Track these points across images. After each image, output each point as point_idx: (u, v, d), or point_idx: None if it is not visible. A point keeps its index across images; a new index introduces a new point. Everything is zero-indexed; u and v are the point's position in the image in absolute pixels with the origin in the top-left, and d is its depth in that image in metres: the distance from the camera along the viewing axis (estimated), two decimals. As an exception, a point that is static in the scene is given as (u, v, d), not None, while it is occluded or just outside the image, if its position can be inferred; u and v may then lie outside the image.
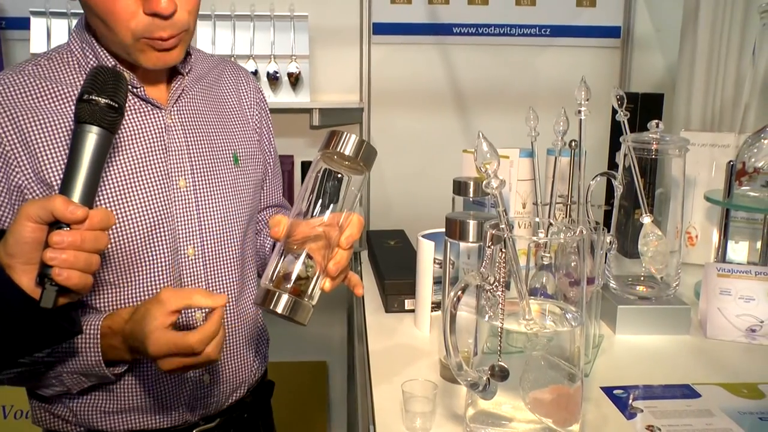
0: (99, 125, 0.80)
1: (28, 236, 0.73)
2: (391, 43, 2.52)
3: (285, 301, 0.83)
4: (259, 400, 1.21)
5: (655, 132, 1.22)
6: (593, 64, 2.46)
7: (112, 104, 0.80)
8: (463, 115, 2.56)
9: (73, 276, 0.74)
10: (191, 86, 1.08)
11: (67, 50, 1.00)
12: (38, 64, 0.98)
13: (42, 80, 0.96)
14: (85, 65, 0.98)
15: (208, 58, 1.17)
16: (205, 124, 1.08)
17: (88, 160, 0.79)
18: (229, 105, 1.15)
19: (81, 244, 0.74)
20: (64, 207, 0.73)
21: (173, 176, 1.01)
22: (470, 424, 0.87)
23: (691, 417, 0.95)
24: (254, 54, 2.42)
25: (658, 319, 1.21)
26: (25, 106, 0.93)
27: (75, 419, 1.02)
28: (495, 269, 0.80)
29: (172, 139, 1.02)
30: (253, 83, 1.23)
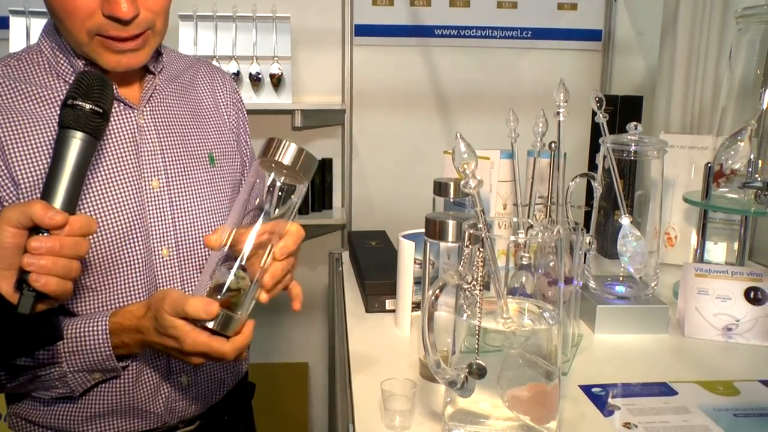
0: (83, 131, 0.79)
1: (8, 241, 0.72)
2: (373, 44, 2.54)
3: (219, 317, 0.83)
4: (239, 402, 1.21)
5: (633, 134, 1.23)
6: (574, 66, 2.49)
7: (96, 110, 0.79)
8: (445, 117, 2.58)
9: (50, 282, 0.73)
10: (165, 86, 1.07)
11: (36, 50, 0.99)
12: (7, 64, 0.97)
13: (11, 80, 0.95)
14: (56, 65, 0.98)
15: (182, 58, 1.16)
16: (179, 124, 1.07)
17: (71, 165, 0.78)
18: (205, 105, 1.14)
19: (60, 250, 0.73)
20: (43, 212, 0.73)
21: (146, 176, 1.00)
22: (449, 423, 0.87)
23: (668, 414, 0.96)
24: (236, 55, 2.42)
25: (636, 319, 1.22)
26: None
27: (51, 425, 1.01)
28: (473, 269, 0.80)
29: (144, 139, 1.01)
30: (229, 83, 1.22)
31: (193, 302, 0.82)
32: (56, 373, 0.94)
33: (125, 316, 0.92)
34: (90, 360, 0.94)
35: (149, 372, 1.02)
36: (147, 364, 1.02)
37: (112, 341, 0.93)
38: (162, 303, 0.85)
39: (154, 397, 1.03)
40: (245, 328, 0.87)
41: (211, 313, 0.82)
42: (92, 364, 0.94)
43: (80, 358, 0.93)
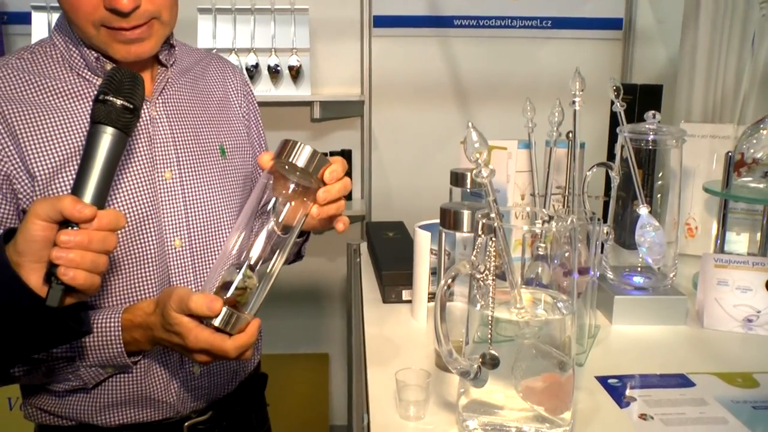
0: (114, 126, 0.80)
1: (38, 234, 0.74)
2: (391, 35, 2.53)
3: (223, 314, 0.83)
4: (252, 392, 1.22)
5: (652, 123, 1.22)
6: (594, 56, 2.46)
7: (127, 105, 0.80)
8: (464, 107, 2.57)
9: (79, 276, 0.74)
10: (177, 79, 1.08)
11: (50, 44, 1.01)
12: (21, 57, 0.99)
13: (26, 73, 0.97)
14: (69, 58, 0.99)
15: (193, 52, 1.17)
16: (190, 116, 1.08)
17: (101, 160, 0.79)
18: (216, 98, 1.15)
19: (88, 244, 0.74)
20: (73, 206, 0.74)
21: (159, 168, 1.01)
22: (463, 413, 0.88)
23: (684, 406, 0.95)
24: (255, 47, 2.43)
25: (654, 310, 1.21)
26: (10, 97, 0.94)
27: (66, 414, 1.02)
28: (485, 258, 0.80)
29: (157, 131, 1.02)
30: (239, 76, 1.23)
31: (197, 299, 0.83)
32: (69, 366, 0.96)
33: (136, 313, 0.93)
34: (102, 356, 0.95)
35: (162, 363, 1.03)
36: (160, 356, 1.03)
37: (124, 337, 0.94)
38: (168, 300, 0.86)
39: (167, 387, 1.04)
40: (249, 327, 0.87)
41: (215, 310, 0.83)
42: (104, 359, 0.96)
43: (92, 354, 0.95)
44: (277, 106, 2.52)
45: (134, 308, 0.95)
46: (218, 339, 0.85)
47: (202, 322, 0.85)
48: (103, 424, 1.03)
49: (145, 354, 1.01)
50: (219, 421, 1.12)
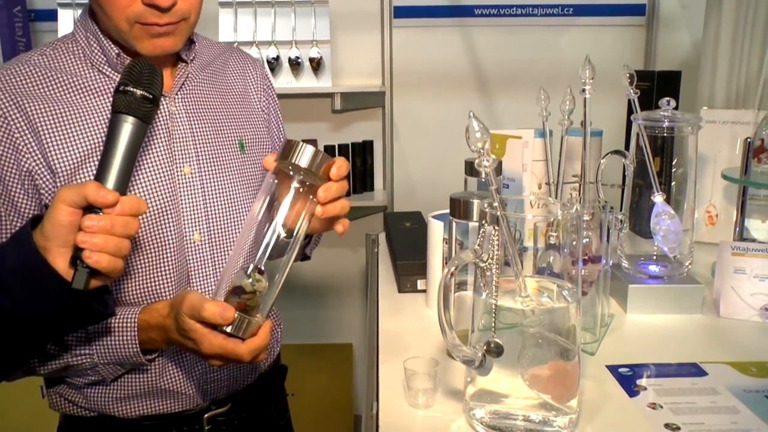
0: (134, 115, 0.82)
1: (64, 219, 0.76)
2: (412, 26, 2.53)
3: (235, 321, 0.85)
4: (271, 384, 1.23)
5: (666, 110, 1.21)
6: (617, 42, 2.43)
7: (147, 95, 0.83)
8: (485, 97, 2.55)
9: (102, 259, 0.76)
10: (196, 74, 1.09)
11: (72, 40, 1.02)
12: (43, 53, 1.00)
13: (47, 70, 0.98)
14: (90, 54, 1.00)
15: (213, 46, 1.18)
16: (210, 111, 1.09)
17: (123, 148, 0.82)
18: (235, 92, 1.16)
19: (111, 228, 0.77)
20: (96, 191, 0.76)
21: (178, 163, 1.03)
22: (470, 402, 0.88)
23: (695, 395, 0.95)
24: (275, 40, 2.44)
25: (669, 299, 1.20)
26: (32, 94, 0.96)
27: (88, 405, 1.05)
28: (489, 247, 0.81)
29: (176, 126, 1.04)
30: (259, 69, 1.23)
31: (209, 307, 0.84)
32: (88, 363, 0.98)
33: (152, 314, 0.95)
34: (118, 354, 0.97)
35: (181, 356, 1.05)
36: (179, 348, 1.04)
37: (140, 337, 0.96)
38: (181, 305, 0.87)
39: (186, 379, 1.06)
40: (261, 331, 0.88)
41: (228, 319, 0.84)
42: (120, 358, 0.98)
43: (109, 352, 0.97)
44: (298, 98, 2.54)
45: (150, 309, 0.97)
46: (231, 344, 0.86)
47: (215, 328, 0.86)
48: (123, 416, 1.05)
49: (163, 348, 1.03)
50: (238, 412, 1.14)
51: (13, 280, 0.77)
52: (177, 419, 1.08)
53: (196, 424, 1.09)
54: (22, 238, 0.78)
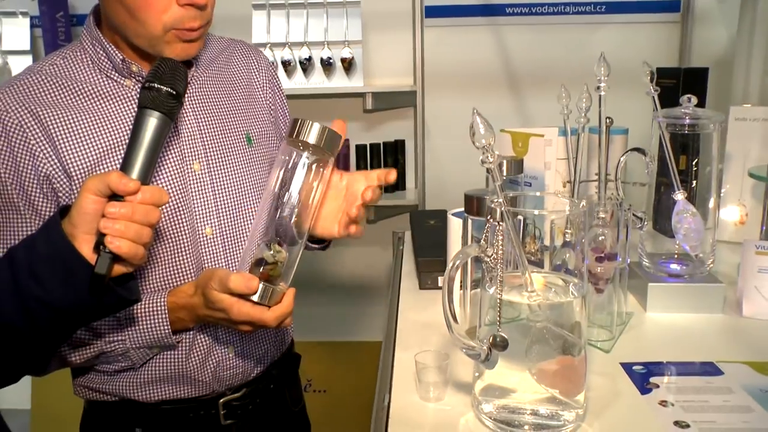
0: (159, 110, 0.86)
1: (89, 207, 0.80)
2: (443, 25, 2.54)
3: (260, 290, 0.91)
4: (285, 372, 1.26)
5: (687, 107, 1.19)
6: (651, 40, 2.40)
7: (171, 92, 0.87)
8: (517, 96, 2.55)
9: (123, 245, 0.80)
10: (202, 72, 1.13)
11: (80, 47, 1.06)
12: (54, 63, 1.04)
13: (58, 78, 1.02)
14: (97, 61, 1.04)
15: (217, 41, 1.21)
16: (216, 108, 1.12)
17: (147, 142, 0.86)
18: (241, 86, 1.19)
19: (132, 215, 0.80)
20: (119, 180, 0.80)
21: (187, 160, 1.06)
22: (478, 397, 0.89)
23: (708, 394, 0.94)
24: (308, 41, 2.48)
25: (690, 298, 1.19)
26: (44, 102, 1.00)
27: (111, 390, 1.10)
28: (494, 242, 0.82)
29: (184, 125, 1.07)
30: (264, 62, 1.25)
31: (235, 279, 0.90)
32: (120, 349, 1.03)
33: (179, 295, 1.01)
34: (150, 337, 1.02)
35: (199, 344, 1.09)
36: (197, 337, 1.09)
37: (170, 318, 1.01)
38: (209, 281, 0.93)
39: (203, 367, 1.10)
40: (286, 298, 0.94)
41: (252, 288, 0.90)
42: (152, 340, 1.03)
43: (141, 336, 1.02)
44: (330, 98, 2.57)
45: (177, 291, 1.02)
46: (258, 311, 0.92)
47: (243, 298, 0.92)
48: (144, 400, 1.10)
49: (185, 336, 1.07)
50: (253, 398, 1.18)
51: (44, 267, 0.81)
52: (194, 404, 1.12)
53: (212, 408, 1.13)
54: (52, 227, 0.82)
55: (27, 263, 0.81)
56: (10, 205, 0.99)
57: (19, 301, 0.80)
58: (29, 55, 2.51)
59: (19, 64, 2.49)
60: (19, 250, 0.83)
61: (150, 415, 1.11)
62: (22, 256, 0.82)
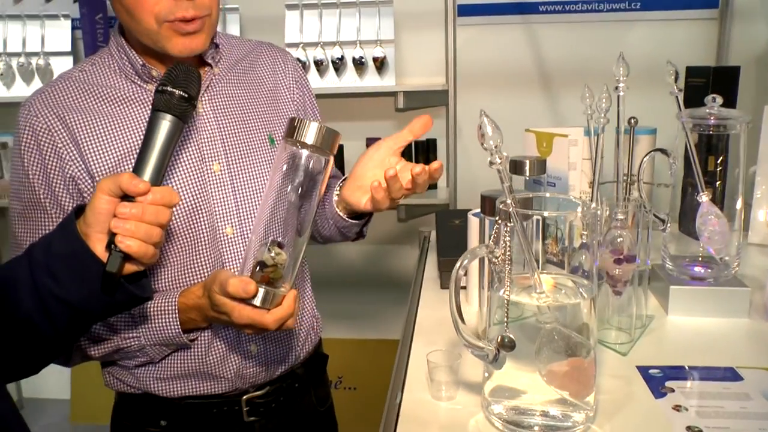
0: (172, 113, 0.89)
1: (102, 207, 0.83)
2: (476, 24, 2.52)
3: (260, 293, 0.91)
4: (311, 371, 1.27)
5: (712, 107, 1.17)
6: (687, 37, 2.35)
7: (184, 95, 0.89)
8: (550, 95, 2.52)
9: (133, 244, 0.82)
10: (224, 74, 1.14)
11: (107, 54, 1.10)
12: (83, 69, 1.08)
13: (86, 84, 1.06)
14: (123, 67, 1.07)
15: (243, 44, 1.22)
16: (238, 109, 1.13)
17: (159, 143, 0.88)
18: (265, 87, 1.20)
19: (142, 215, 0.83)
20: (129, 181, 0.83)
21: (207, 161, 1.08)
22: (488, 398, 0.89)
23: (725, 399, 0.92)
24: (341, 40, 2.50)
25: (713, 301, 1.17)
26: (72, 107, 1.04)
27: (136, 383, 1.13)
28: (501, 243, 0.82)
29: (204, 126, 1.09)
30: (291, 63, 1.26)
31: (233, 283, 0.91)
32: (136, 345, 1.06)
33: (189, 296, 1.03)
34: (162, 335, 1.05)
35: (220, 341, 1.11)
36: (218, 334, 1.11)
37: (181, 318, 1.03)
38: (212, 284, 0.95)
39: (225, 364, 1.12)
40: (285, 300, 0.93)
41: (249, 293, 0.90)
42: (164, 339, 1.05)
43: (154, 334, 1.05)
44: (362, 97, 2.59)
45: (187, 292, 1.04)
46: (257, 314, 0.92)
47: (243, 301, 0.92)
48: (167, 395, 1.12)
49: (204, 333, 1.10)
50: (276, 396, 1.19)
51: (60, 264, 0.84)
52: (217, 400, 1.14)
53: (234, 405, 1.14)
54: (67, 226, 0.85)
55: (44, 260, 0.84)
56: (37, 204, 1.04)
57: (37, 297, 0.84)
58: (70, 56, 2.59)
59: (60, 65, 2.57)
60: (37, 247, 0.86)
61: (174, 409, 1.13)
62: (39, 253, 0.85)
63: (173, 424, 1.14)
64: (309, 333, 1.25)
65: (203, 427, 1.15)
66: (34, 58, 2.59)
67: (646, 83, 1.61)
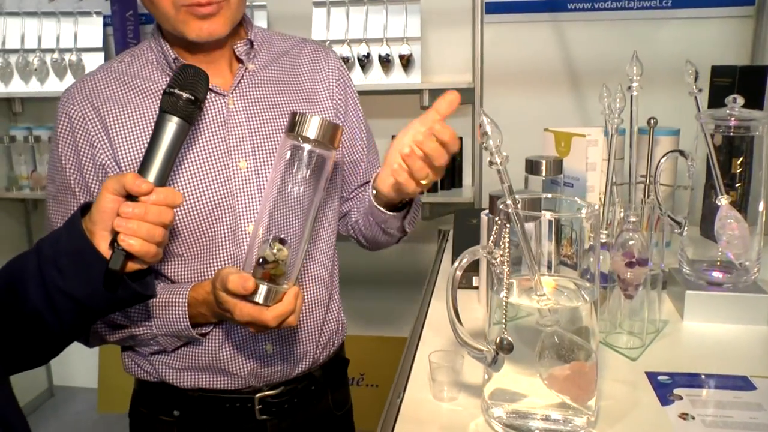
0: (178, 115, 0.90)
1: (107, 206, 0.84)
2: (503, 21, 2.50)
3: (261, 290, 0.90)
4: (329, 374, 1.25)
5: (732, 108, 1.14)
6: (720, 36, 2.28)
7: (191, 98, 0.90)
8: (578, 94, 2.49)
9: (135, 243, 0.83)
10: (258, 71, 1.13)
11: (147, 47, 1.12)
12: (123, 60, 1.11)
13: (123, 75, 1.09)
14: (159, 60, 1.09)
15: (284, 41, 1.21)
16: (269, 107, 1.12)
17: (165, 145, 0.89)
18: (302, 86, 1.18)
19: (144, 215, 0.84)
20: (133, 181, 0.84)
21: (234, 157, 1.08)
22: (488, 401, 0.88)
23: (735, 409, 0.90)
24: (367, 38, 2.50)
25: (731, 308, 1.14)
26: (106, 98, 1.06)
27: (153, 371, 1.14)
28: (500, 244, 0.81)
29: (233, 123, 1.09)
30: (333, 61, 1.23)
31: (232, 279, 0.90)
32: (148, 334, 1.07)
33: (199, 291, 1.03)
34: (172, 327, 1.06)
35: (234, 338, 1.11)
36: (232, 331, 1.10)
37: (191, 312, 1.04)
38: (216, 281, 0.94)
39: (239, 361, 1.12)
40: (285, 297, 0.92)
41: (248, 289, 0.89)
42: (174, 331, 1.06)
43: (165, 325, 1.06)
44: (387, 95, 2.58)
45: (198, 287, 1.04)
46: (257, 311, 0.92)
47: (245, 298, 0.92)
48: (181, 385, 1.13)
49: (218, 328, 1.10)
50: (290, 397, 1.18)
51: (66, 260, 0.85)
52: (229, 395, 1.14)
53: (247, 402, 1.14)
54: (74, 223, 0.86)
55: (52, 255, 0.86)
56: (68, 189, 1.06)
57: (44, 290, 0.85)
58: (101, 53, 2.64)
59: (92, 61, 2.62)
60: (45, 242, 0.88)
61: (188, 400, 1.14)
62: (47, 248, 0.87)
63: (186, 415, 1.15)
64: (332, 336, 1.23)
65: (215, 420, 1.15)
66: (67, 54, 2.64)
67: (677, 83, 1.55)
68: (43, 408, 2.98)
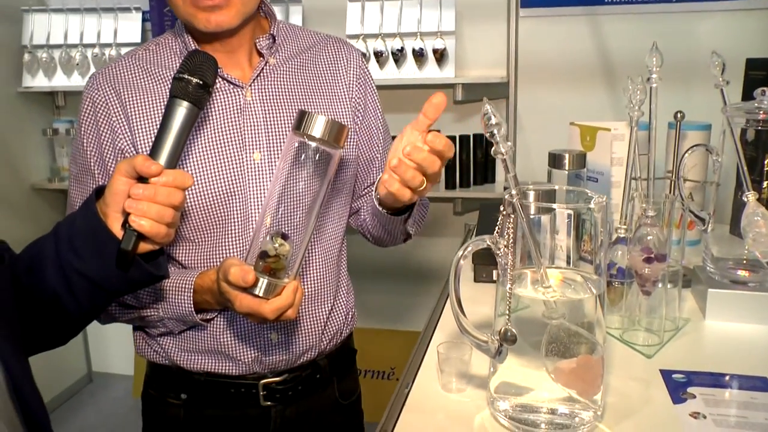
0: (188, 100, 0.91)
1: (119, 188, 0.87)
2: (539, 15, 2.47)
3: (261, 283, 0.91)
4: (336, 363, 1.26)
5: (761, 101, 1.10)
6: (759, 28, 2.21)
7: (200, 83, 0.92)
8: (613, 89, 2.44)
9: (146, 224, 0.85)
10: (279, 65, 1.14)
11: (171, 35, 1.14)
12: (148, 48, 1.13)
13: (147, 63, 1.11)
14: (180, 49, 1.12)
15: (309, 36, 1.22)
16: (288, 101, 1.13)
17: (175, 128, 0.91)
18: (322, 82, 1.18)
19: (154, 196, 0.86)
20: (143, 163, 0.86)
21: (248, 149, 1.09)
22: (494, 394, 0.88)
23: (750, 410, 0.87)
24: (401, 32, 2.49)
25: (755, 307, 1.10)
26: (129, 84, 1.09)
27: (162, 353, 1.17)
28: (505, 235, 0.80)
29: (249, 114, 1.10)
30: (355, 60, 1.23)
31: (233, 271, 0.91)
32: (155, 316, 1.10)
33: (204, 279, 1.05)
34: (177, 311, 1.08)
35: (239, 324, 1.13)
36: (237, 318, 1.12)
37: (195, 298, 1.06)
38: (219, 271, 0.96)
39: (244, 347, 1.13)
40: (285, 291, 0.93)
41: (248, 282, 0.90)
42: (179, 315, 1.09)
43: (171, 309, 1.08)
44: (420, 89, 2.57)
45: (204, 275, 1.06)
46: (256, 304, 0.93)
47: (245, 290, 0.93)
48: (188, 367, 1.15)
49: (223, 314, 1.12)
50: (294, 384, 1.19)
51: (80, 241, 0.88)
52: (235, 381, 1.16)
53: (252, 388, 1.16)
54: (89, 205, 0.89)
55: (68, 236, 0.88)
56: (88, 170, 1.10)
57: (62, 272, 0.88)
58: (141, 47, 2.70)
59: (132, 55, 2.68)
60: (62, 224, 0.91)
61: (195, 384, 1.17)
62: (64, 229, 0.90)
63: (193, 398, 1.18)
64: (340, 328, 1.24)
65: (220, 405, 1.17)
66: (107, 49, 2.71)
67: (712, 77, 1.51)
68: (82, 393, 3.07)
